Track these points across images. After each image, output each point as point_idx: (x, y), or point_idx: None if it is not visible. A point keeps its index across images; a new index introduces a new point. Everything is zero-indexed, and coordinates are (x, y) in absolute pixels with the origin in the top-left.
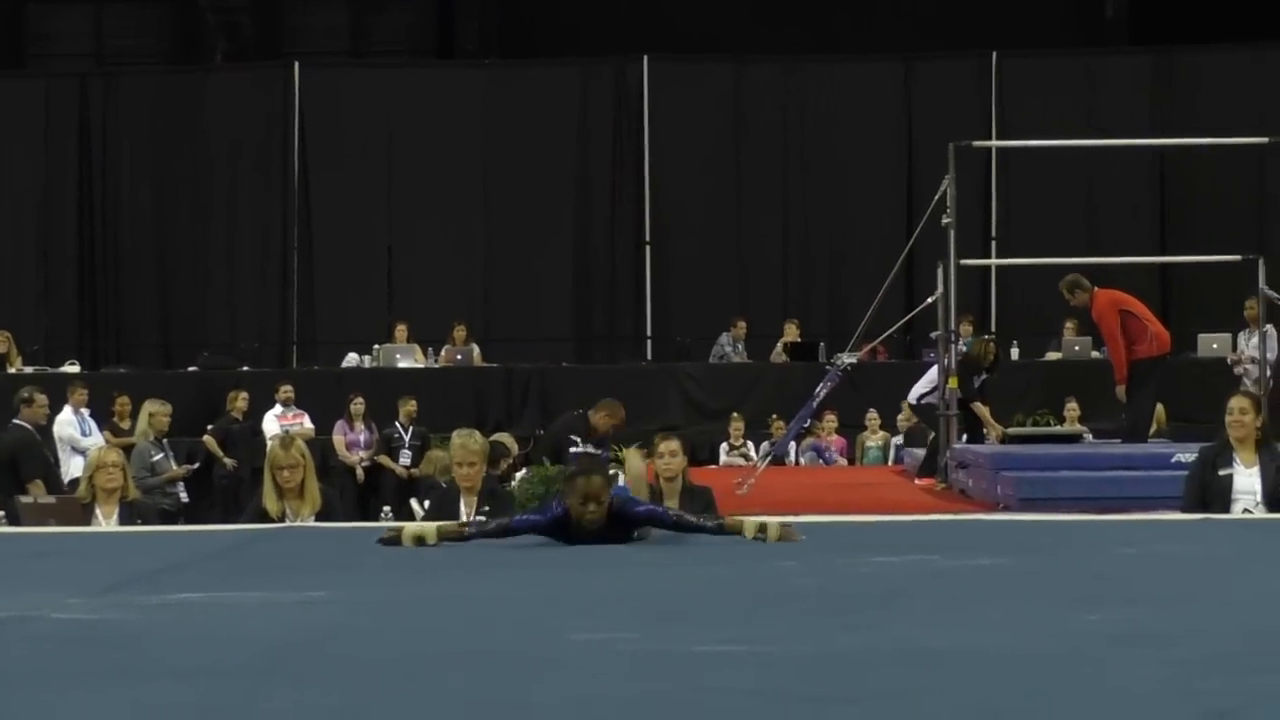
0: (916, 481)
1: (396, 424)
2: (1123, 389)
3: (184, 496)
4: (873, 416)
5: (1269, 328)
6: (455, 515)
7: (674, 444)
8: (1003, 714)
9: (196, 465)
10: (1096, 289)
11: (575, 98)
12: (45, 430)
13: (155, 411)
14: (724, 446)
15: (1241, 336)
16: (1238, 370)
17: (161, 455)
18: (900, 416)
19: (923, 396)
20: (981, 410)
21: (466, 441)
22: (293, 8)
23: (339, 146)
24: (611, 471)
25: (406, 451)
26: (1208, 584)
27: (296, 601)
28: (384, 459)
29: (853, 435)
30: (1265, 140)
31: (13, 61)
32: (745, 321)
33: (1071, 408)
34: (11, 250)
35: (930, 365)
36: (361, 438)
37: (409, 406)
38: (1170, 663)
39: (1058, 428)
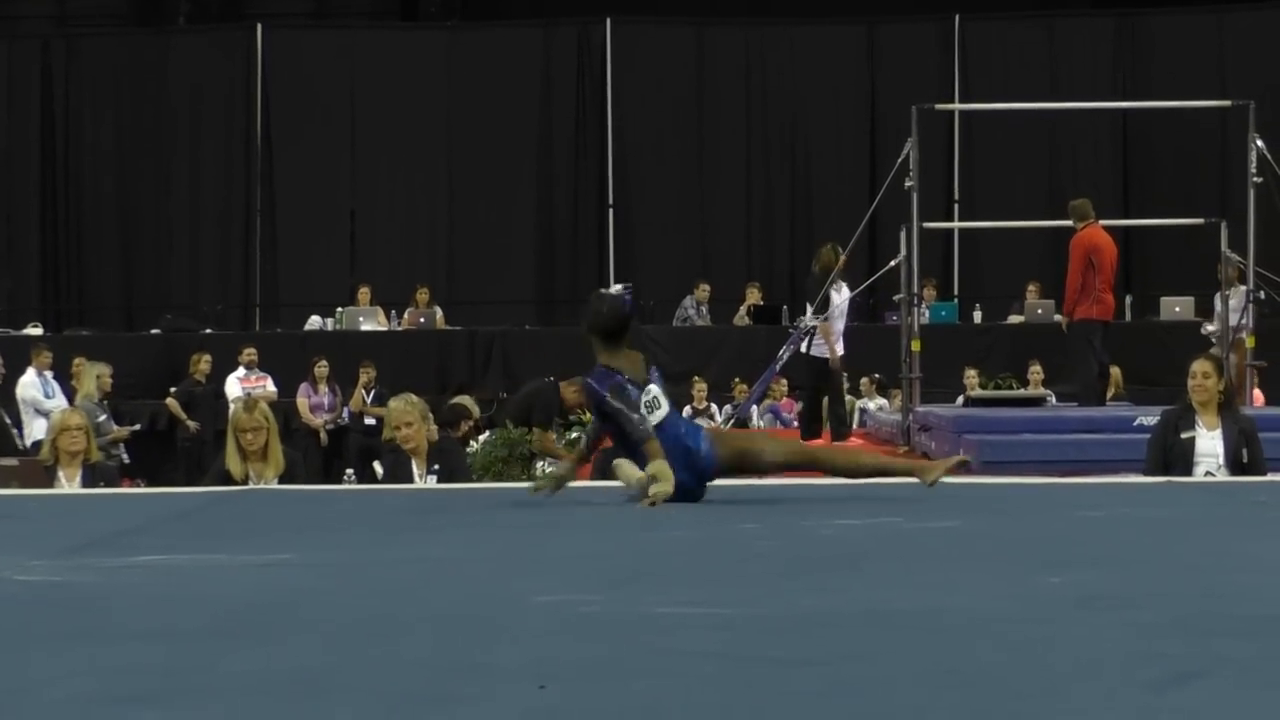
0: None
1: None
2: (1063, 320)
3: (125, 458)
4: (854, 395)
5: (1240, 288)
6: (408, 478)
7: None
8: (965, 676)
9: (138, 427)
10: (1091, 226)
11: (538, 60)
12: (5, 393)
13: (103, 374)
14: (687, 410)
15: (1218, 298)
16: (1213, 338)
17: (105, 417)
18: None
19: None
20: (825, 328)
21: (399, 405)
22: None
23: (302, 109)
24: (575, 436)
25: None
26: (1170, 547)
27: (259, 564)
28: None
29: None
30: (1228, 103)
31: None
32: (708, 284)
33: (1035, 371)
34: None
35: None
36: (325, 400)
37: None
38: (1133, 625)
39: (1020, 391)
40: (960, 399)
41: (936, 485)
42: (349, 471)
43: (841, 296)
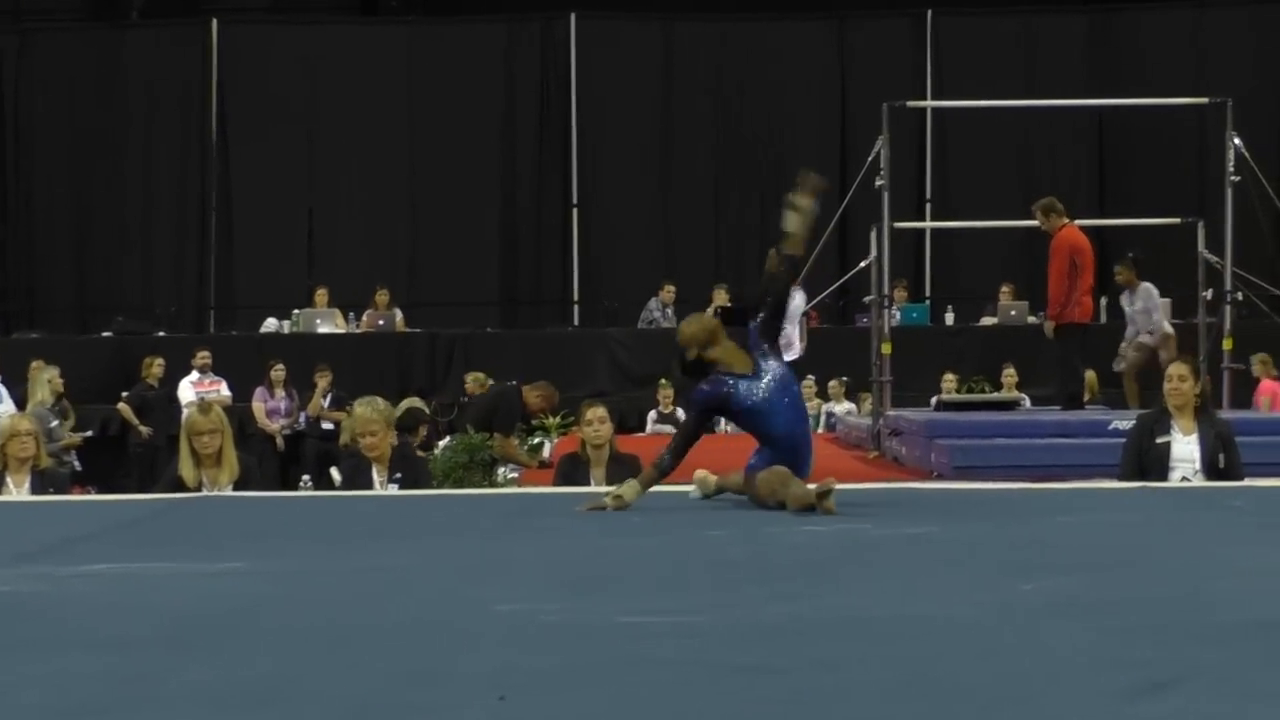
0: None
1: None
2: (1051, 325)
3: (76, 465)
4: (807, 383)
5: (1150, 286)
6: (368, 485)
7: (601, 411)
8: (935, 683)
9: (90, 433)
10: (1069, 226)
11: (501, 56)
12: None
13: (53, 377)
14: (652, 414)
15: (1123, 298)
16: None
17: (57, 423)
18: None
19: None
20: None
21: (364, 411)
22: None
23: (259, 106)
24: (537, 441)
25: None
26: (1145, 553)
27: (213, 572)
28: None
29: None
30: (1205, 100)
31: None
32: (674, 286)
33: (1009, 374)
34: None
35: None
36: (282, 405)
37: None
38: (1106, 632)
39: (993, 394)
40: (933, 402)
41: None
42: (305, 478)
43: (794, 302)
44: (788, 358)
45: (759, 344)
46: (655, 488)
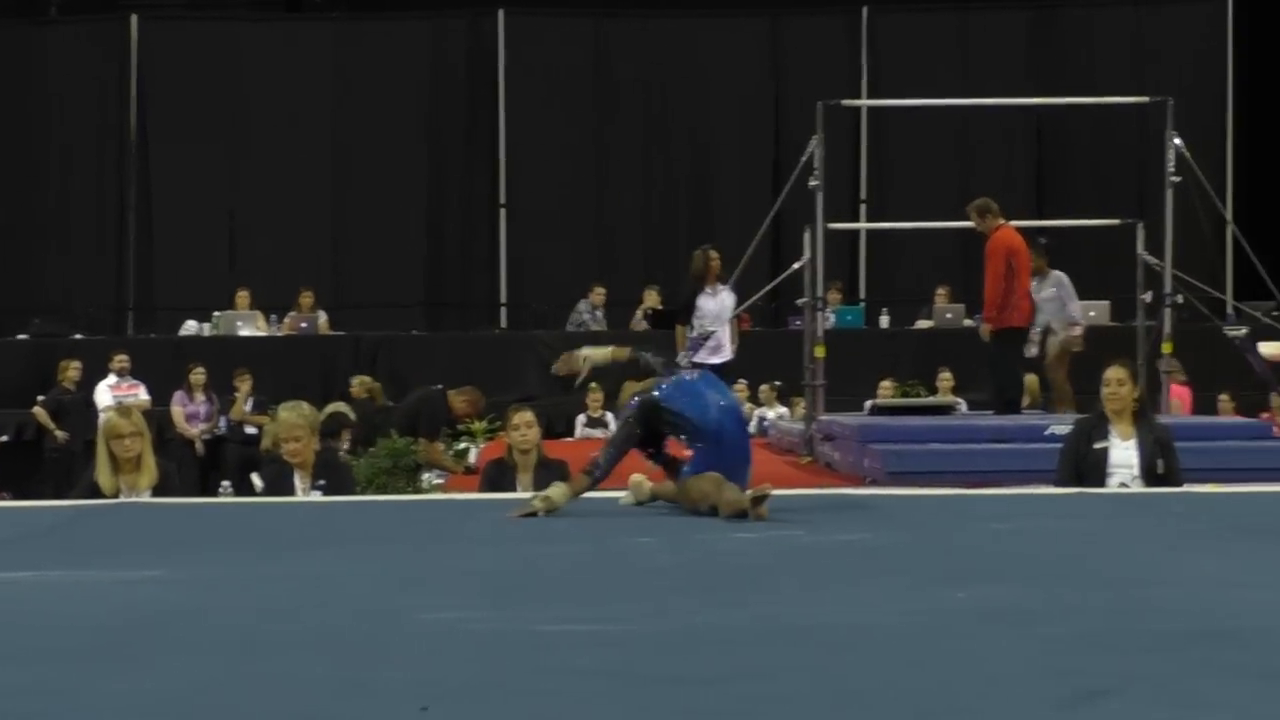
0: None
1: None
2: (988, 329)
3: None
4: (739, 387)
5: (1061, 274)
6: (290, 491)
7: (528, 415)
8: (866, 694)
9: (4, 438)
10: (1005, 227)
11: (427, 53)
12: None
13: None
14: (581, 418)
15: (1032, 285)
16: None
17: None
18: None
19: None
20: (680, 332)
21: (289, 416)
22: None
23: (179, 104)
24: (463, 446)
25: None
26: (1082, 560)
27: (131, 580)
28: None
29: None
30: (1145, 100)
31: None
32: (604, 288)
33: (945, 378)
34: None
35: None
36: (201, 409)
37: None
38: (1041, 641)
39: (928, 398)
40: (866, 406)
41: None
42: (226, 484)
43: (718, 302)
44: (717, 360)
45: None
46: (585, 493)
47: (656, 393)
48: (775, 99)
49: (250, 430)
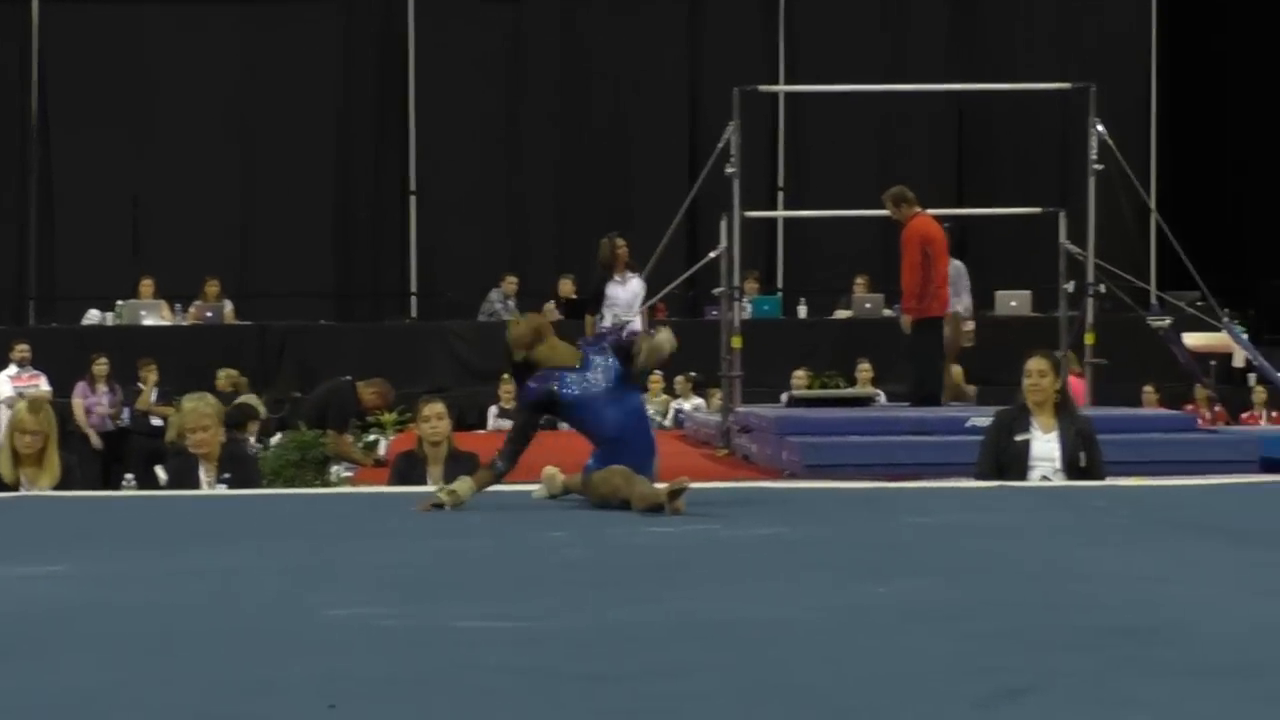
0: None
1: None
2: (908, 320)
3: None
4: (654, 379)
5: (960, 264)
6: (195, 484)
7: (439, 407)
8: (785, 691)
9: None
10: (921, 214)
11: (336, 35)
12: None
13: None
14: (493, 410)
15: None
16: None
17: None
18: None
19: None
20: (589, 322)
21: (197, 405)
22: None
23: (82, 88)
24: (372, 439)
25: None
26: (1003, 555)
27: (31, 575)
28: None
29: None
30: (1068, 86)
31: None
32: (517, 277)
33: (864, 369)
34: None
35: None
36: (104, 400)
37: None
38: (962, 637)
39: (847, 390)
40: (783, 398)
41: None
42: (129, 477)
43: (629, 290)
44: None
45: (596, 343)
46: (496, 486)
47: (556, 386)
48: (691, 83)
49: (156, 422)
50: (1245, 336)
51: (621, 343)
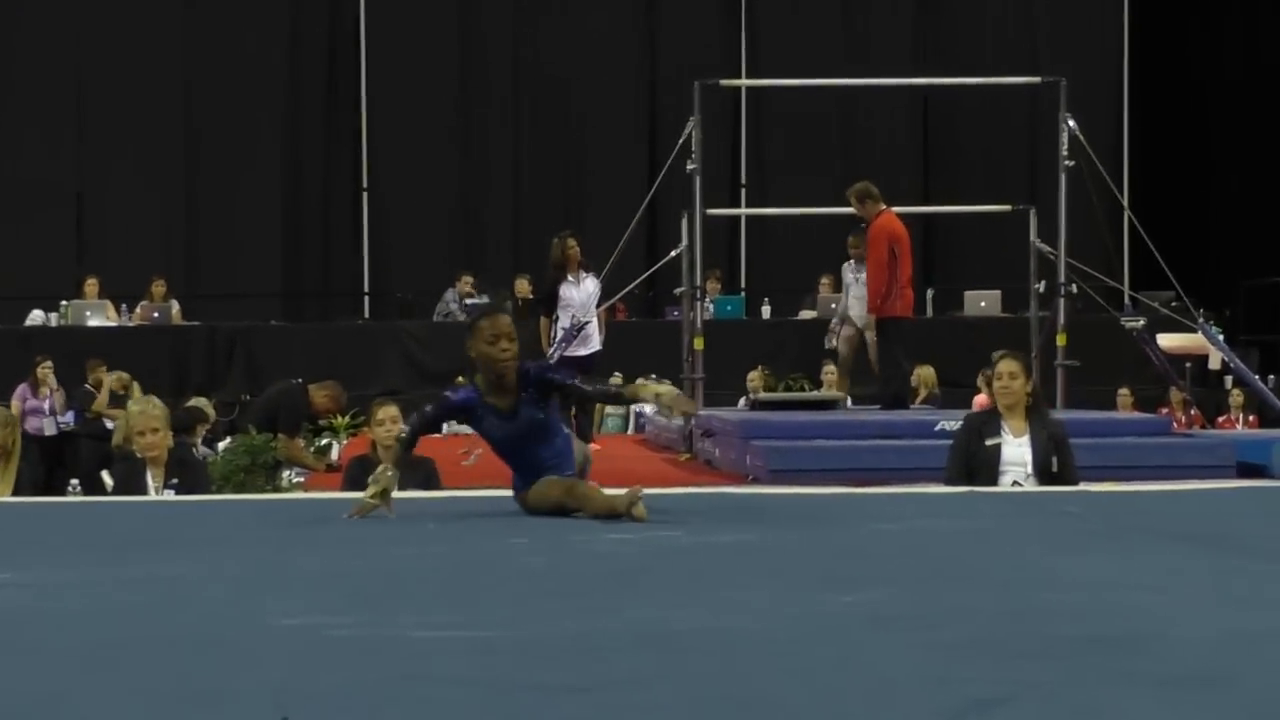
0: None
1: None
2: (872, 320)
3: None
4: (613, 379)
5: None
6: (142, 489)
7: (393, 410)
8: (747, 703)
9: None
10: (886, 212)
11: (285, 24)
12: None
13: None
14: None
15: (847, 269)
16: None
17: None
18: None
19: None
20: (544, 325)
21: (144, 408)
22: None
23: (19, 81)
24: (325, 443)
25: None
26: (972, 562)
27: None
28: None
29: None
30: (1038, 80)
31: None
32: (473, 276)
33: (829, 371)
34: None
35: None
36: (47, 404)
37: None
38: (932, 647)
39: (812, 393)
40: (741, 401)
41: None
42: (74, 482)
43: (583, 291)
44: (585, 352)
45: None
46: (455, 492)
47: (450, 394)
48: (651, 78)
49: (110, 425)
50: (1221, 338)
51: (558, 383)
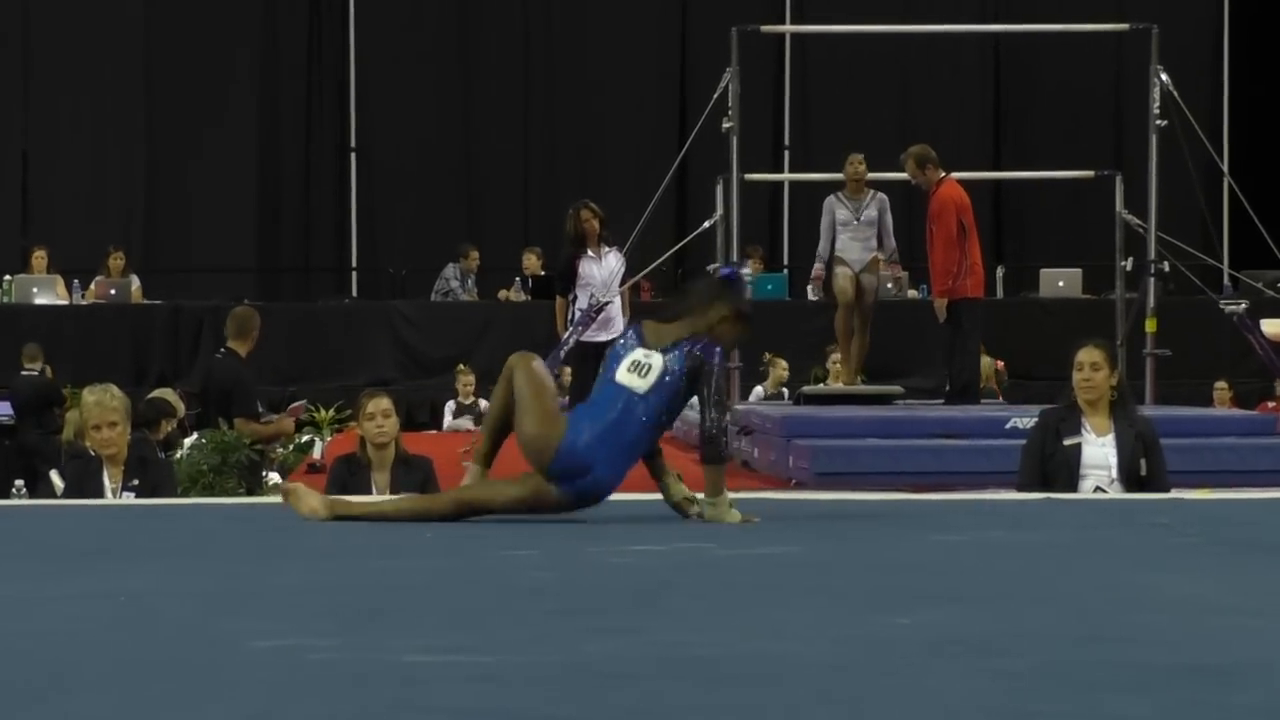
0: None
1: None
2: (943, 304)
3: None
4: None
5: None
6: (98, 492)
7: (385, 403)
8: None
9: None
10: (949, 177)
11: None
12: None
13: None
14: (450, 406)
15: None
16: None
17: None
18: None
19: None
20: (560, 305)
21: (101, 398)
22: None
23: None
24: (307, 439)
25: None
26: (1048, 579)
27: None
28: None
29: None
30: (1125, 27)
31: None
32: (477, 250)
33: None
34: None
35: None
36: None
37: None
38: (999, 676)
39: (865, 386)
40: (757, 390)
41: None
42: (19, 483)
43: (605, 267)
44: (607, 336)
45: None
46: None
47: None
48: (681, 24)
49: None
50: None
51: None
